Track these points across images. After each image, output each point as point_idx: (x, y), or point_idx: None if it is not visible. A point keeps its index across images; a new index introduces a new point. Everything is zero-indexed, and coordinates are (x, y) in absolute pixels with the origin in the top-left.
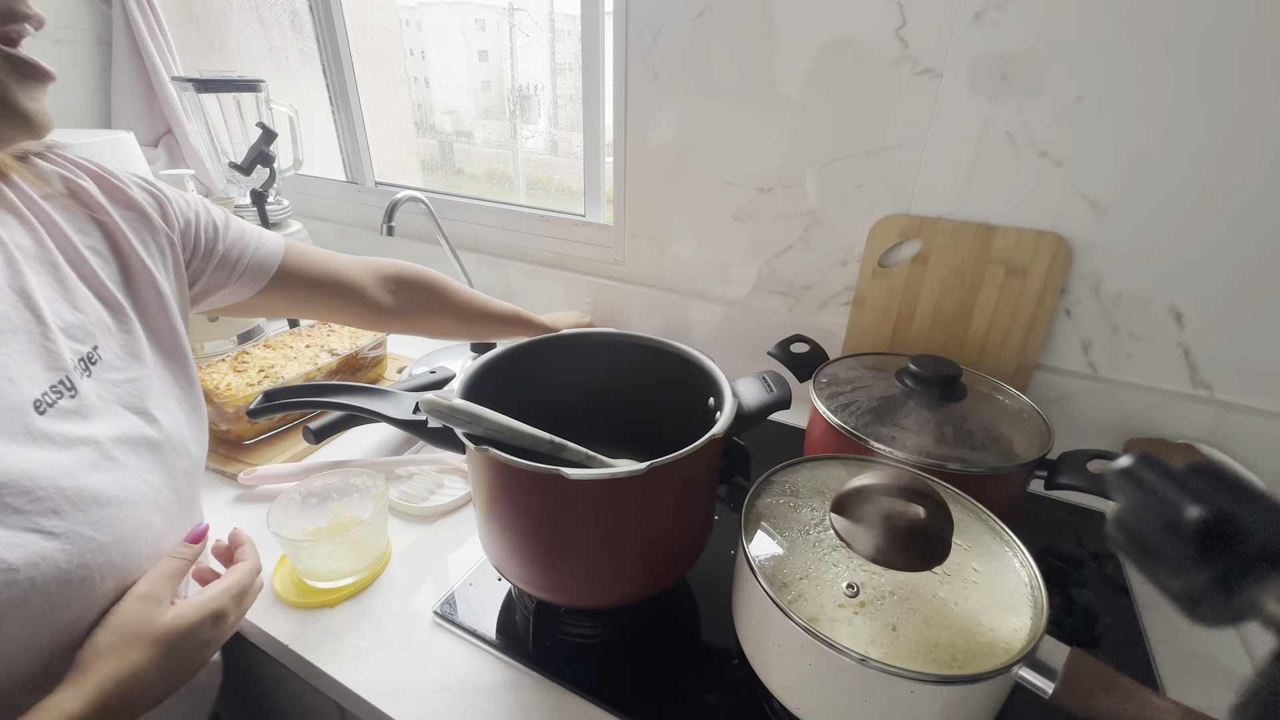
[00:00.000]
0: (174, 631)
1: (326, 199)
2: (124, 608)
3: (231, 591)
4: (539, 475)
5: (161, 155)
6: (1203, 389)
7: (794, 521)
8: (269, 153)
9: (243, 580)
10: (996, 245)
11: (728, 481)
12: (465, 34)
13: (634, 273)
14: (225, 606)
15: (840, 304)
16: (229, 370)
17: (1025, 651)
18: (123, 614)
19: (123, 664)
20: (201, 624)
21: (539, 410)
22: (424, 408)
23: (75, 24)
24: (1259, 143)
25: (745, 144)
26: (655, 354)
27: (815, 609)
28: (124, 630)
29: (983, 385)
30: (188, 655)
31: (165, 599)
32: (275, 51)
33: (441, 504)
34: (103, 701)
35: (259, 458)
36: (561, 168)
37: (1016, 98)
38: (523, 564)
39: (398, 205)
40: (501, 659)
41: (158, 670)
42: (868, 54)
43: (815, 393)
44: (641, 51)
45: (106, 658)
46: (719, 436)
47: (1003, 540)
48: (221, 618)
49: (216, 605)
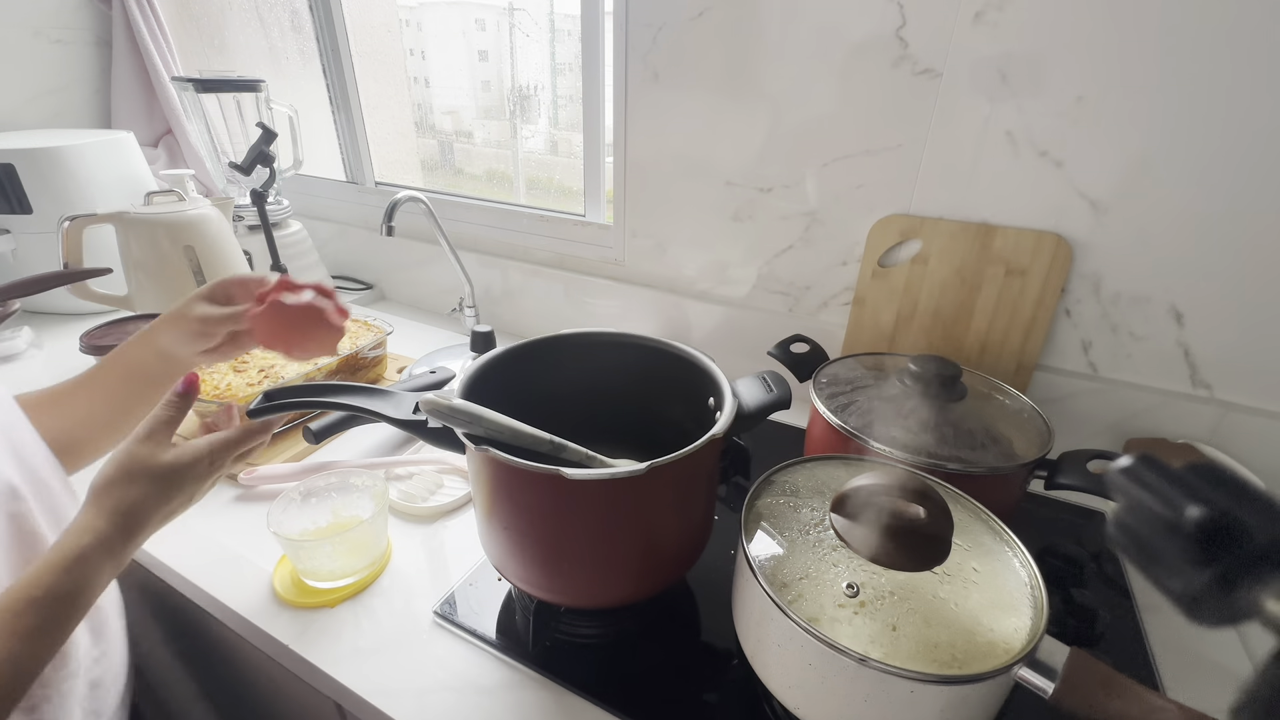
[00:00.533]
0: (173, 468)
1: (326, 199)
2: (126, 449)
3: (224, 441)
4: (539, 475)
5: (161, 155)
6: (1203, 389)
7: (794, 521)
8: (269, 153)
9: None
10: (996, 245)
11: (728, 481)
12: (465, 34)
13: (634, 273)
14: (217, 452)
15: (840, 304)
16: (229, 370)
17: (1025, 651)
18: (125, 454)
19: (131, 492)
20: (197, 462)
21: (539, 410)
22: (424, 408)
23: (75, 24)
24: (1259, 142)
25: (745, 144)
26: (655, 354)
27: (815, 609)
28: (129, 467)
29: (983, 385)
30: (185, 488)
31: (164, 441)
32: (275, 51)
33: (441, 504)
34: (120, 521)
35: (259, 458)
36: (561, 168)
37: (1016, 98)
38: (523, 564)
39: (398, 205)
40: (501, 659)
41: (159, 497)
42: (868, 54)
43: (815, 393)
44: (641, 51)
45: (115, 489)
46: (719, 436)
47: (1003, 540)
48: (216, 460)
49: (210, 448)
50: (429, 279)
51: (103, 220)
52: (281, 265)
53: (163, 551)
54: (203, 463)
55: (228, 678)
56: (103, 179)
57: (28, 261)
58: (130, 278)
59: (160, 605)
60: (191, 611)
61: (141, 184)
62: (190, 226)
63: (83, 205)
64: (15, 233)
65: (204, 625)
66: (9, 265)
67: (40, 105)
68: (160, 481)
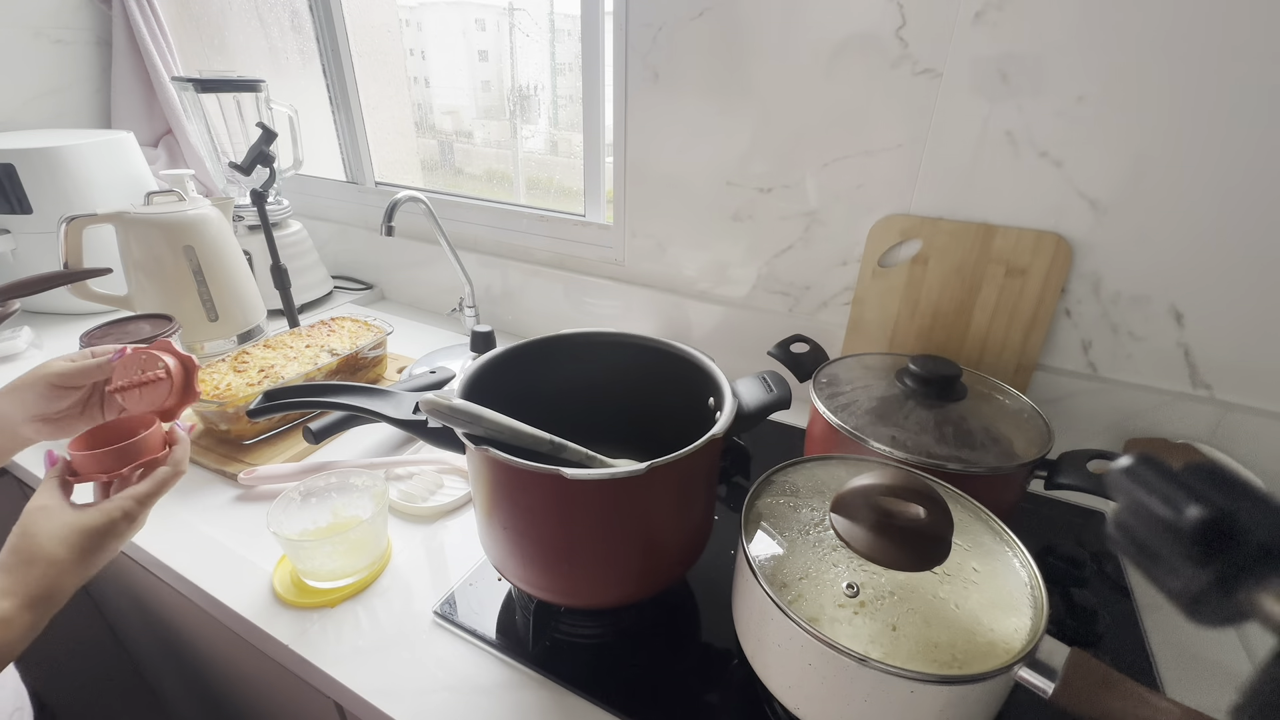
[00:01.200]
0: (83, 531)
1: (326, 199)
2: (27, 518)
3: (139, 497)
4: (539, 475)
5: (161, 155)
6: (1203, 389)
7: (794, 521)
8: (269, 153)
9: (154, 490)
10: (996, 245)
11: (728, 481)
12: (465, 34)
13: (634, 273)
14: (133, 510)
15: (840, 304)
16: (229, 370)
17: (1025, 651)
18: (27, 522)
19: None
20: (110, 525)
21: (539, 410)
22: (424, 408)
23: (75, 24)
24: (1259, 142)
25: (745, 144)
26: (655, 354)
27: (815, 609)
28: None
29: (983, 385)
30: (99, 549)
31: (57, 506)
32: (275, 51)
33: (441, 504)
34: (31, 593)
35: (259, 458)
36: (561, 168)
37: (1016, 98)
38: (523, 564)
39: (398, 205)
40: (501, 659)
41: (74, 564)
42: (868, 54)
43: (815, 393)
44: (641, 51)
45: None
46: (719, 436)
47: (1003, 540)
48: (131, 518)
49: (124, 508)
50: (429, 279)
51: (103, 220)
52: (282, 265)
53: (162, 551)
54: (117, 524)
55: (228, 678)
56: (103, 179)
57: (28, 261)
58: (130, 278)
59: (159, 604)
60: (190, 611)
61: (141, 184)
62: (190, 226)
63: (83, 205)
64: (15, 233)
65: (203, 625)
66: (9, 265)
67: (40, 105)
68: (69, 545)
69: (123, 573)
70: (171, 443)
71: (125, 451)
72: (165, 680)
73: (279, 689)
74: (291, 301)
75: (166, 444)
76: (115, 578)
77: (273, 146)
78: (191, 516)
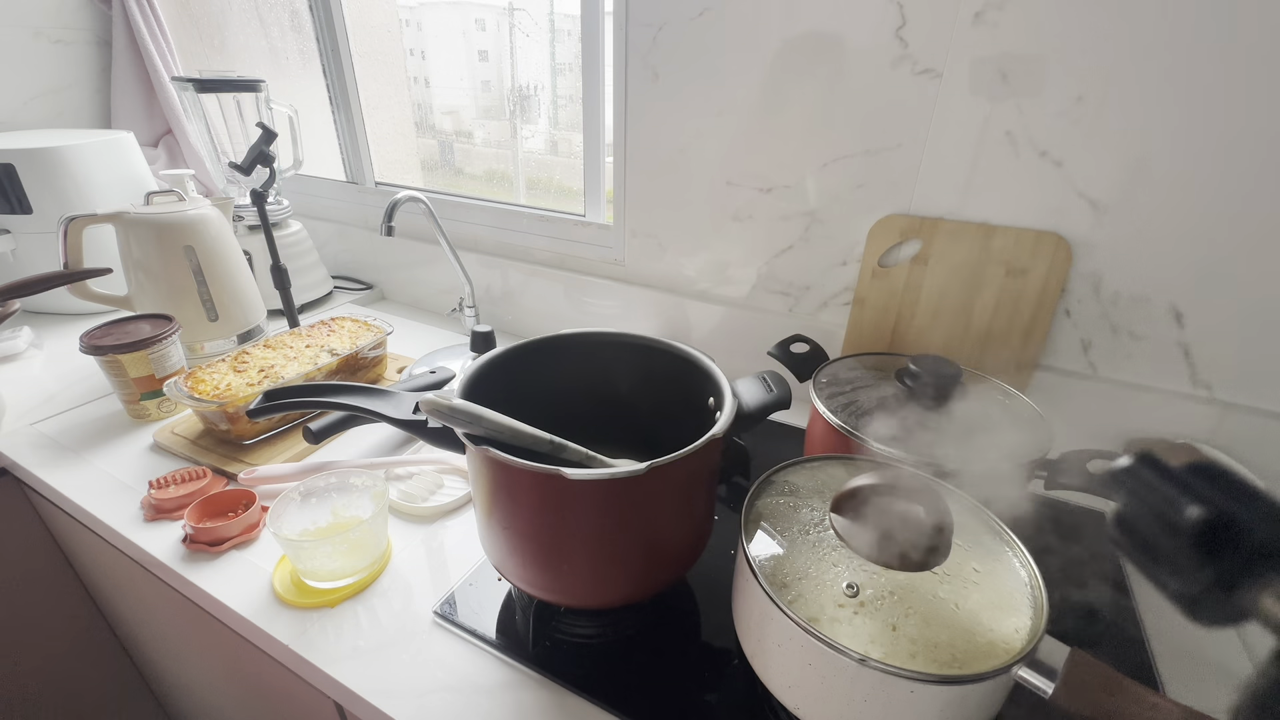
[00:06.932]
0: None
1: (326, 199)
2: None
3: None
4: (539, 475)
5: (161, 155)
6: (1203, 389)
7: (794, 521)
8: (269, 153)
9: None
10: (996, 245)
11: (728, 481)
12: (465, 34)
13: (634, 273)
14: None
15: (840, 304)
16: (229, 370)
17: (1025, 651)
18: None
19: None
20: None
21: (539, 410)
22: (424, 408)
23: (75, 24)
24: (1259, 142)
25: (745, 144)
26: (655, 354)
27: (815, 609)
28: None
29: (983, 385)
30: None
31: None
32: (275, 51)
33: (441, 504)
34: None
35: (259, 458)
36: (561, 168)
37: (1016, 98)
38: (523, 564)
39: (398, 205)
40: (501, 659)
41: None
42: (868, 54)
43: (815, 393)
44: (641, 51)
45: None
46: (719, 436)
47: (1003, 540)
48: None
49: None
50: (429, 279)
51: (103, 220)
52: (282, 265)
53: (161, 550)
54: None
55: (228, 677)
56: (103, 179)
57: (28, 261)
58: (130, 278)
59: (159, 604)
60: (190, 611)
61: (141, 184)
62: (190, 226)
63: (83, 205)
64: (15, 233)
65: (203, 624)
66: (9, 265)
67: (40, 105)
68: None
69: (122, 572)
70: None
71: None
72: (165, 680)
73: (279, 689)
74: (291, 301)
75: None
76: (114, 577)
77: (273, 146)
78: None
